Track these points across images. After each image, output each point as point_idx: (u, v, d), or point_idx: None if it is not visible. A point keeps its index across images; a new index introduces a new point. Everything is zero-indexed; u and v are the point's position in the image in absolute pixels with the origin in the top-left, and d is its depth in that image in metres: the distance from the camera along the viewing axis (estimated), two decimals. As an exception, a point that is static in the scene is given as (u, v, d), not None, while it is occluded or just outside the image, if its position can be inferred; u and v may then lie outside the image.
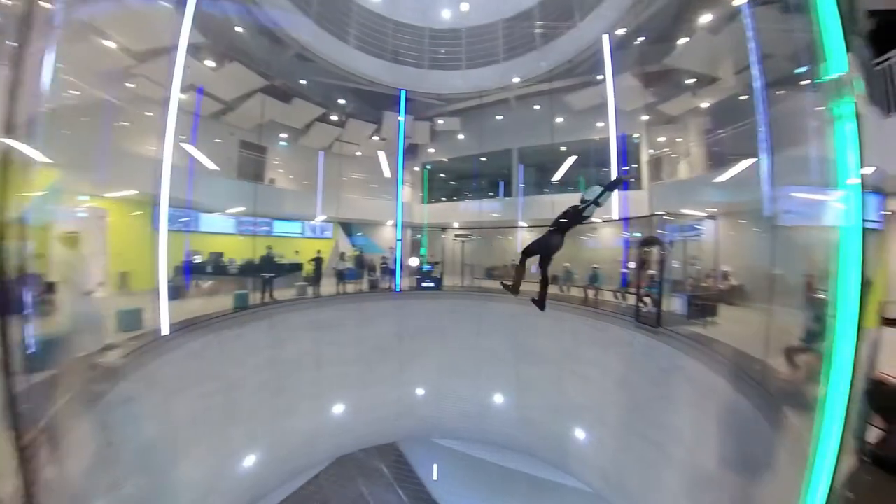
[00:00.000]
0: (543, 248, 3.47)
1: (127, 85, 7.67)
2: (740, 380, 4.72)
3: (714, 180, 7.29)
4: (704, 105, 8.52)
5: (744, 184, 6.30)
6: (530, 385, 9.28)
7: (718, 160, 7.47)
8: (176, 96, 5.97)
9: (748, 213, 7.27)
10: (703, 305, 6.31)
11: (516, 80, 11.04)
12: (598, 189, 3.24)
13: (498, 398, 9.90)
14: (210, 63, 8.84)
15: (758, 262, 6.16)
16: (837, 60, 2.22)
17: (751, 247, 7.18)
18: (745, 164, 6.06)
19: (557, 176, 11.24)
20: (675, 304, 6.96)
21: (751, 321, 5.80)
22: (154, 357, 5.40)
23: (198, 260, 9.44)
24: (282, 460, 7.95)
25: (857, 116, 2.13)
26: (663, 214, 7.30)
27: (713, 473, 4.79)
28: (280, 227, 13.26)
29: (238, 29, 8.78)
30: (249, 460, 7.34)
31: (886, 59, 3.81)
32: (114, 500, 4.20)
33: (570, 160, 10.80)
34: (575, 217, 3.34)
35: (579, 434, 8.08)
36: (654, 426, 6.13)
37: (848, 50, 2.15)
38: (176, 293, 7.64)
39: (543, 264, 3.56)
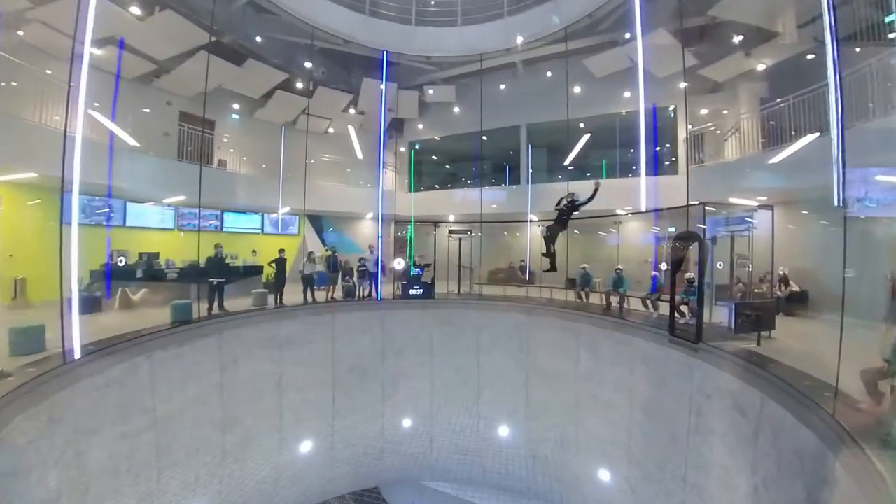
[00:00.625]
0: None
1: (17, 33, 7.19)
2: (805, 410, 4.48)
3: (770, 161, 7.12)
4: (760, 67, 8.36)
5: (809, 165, 6.14)
6: (541, 413, 9.22)
7: (776, 136, 7.32)
8: (87, 50, 5.48)
9: (814, 202, 7.15)
10: (755, 316, 6.05)
11: (522, 39, 10.93)
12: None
13: (502, 430, 9.80)
14: (135, 10, 8.45)
15: (826, 263, 5.99)
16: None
17: (817, 243, 7.05)
18: (811, 139, 5.85)
19: (572, 159, 11.15)
20: (719, 315, 6.80)
21: (818, 336, 5.62)
22: (60, 387, 5.00)
23: (123, 262, 9.12)
24: None
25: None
26: (705, 204, 7.01)
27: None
28: (232, 221, 13.36)
29: None
30: None
31: None
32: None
33: (584, 138, 10.76)
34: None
35: (602, 475, 7.90)
36: (694, 466, 5.92)
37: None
38: (92, 305, 7.31)
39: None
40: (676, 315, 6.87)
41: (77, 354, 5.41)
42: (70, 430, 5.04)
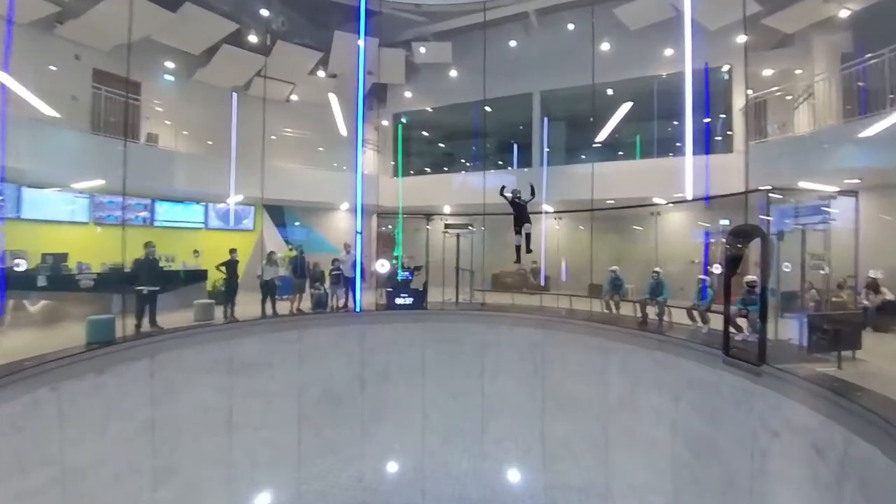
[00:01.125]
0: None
1: None
2: None
3: (858, 135, 7.00)
4: (843, 14, 8.27)
5: None
6: (562, 453, 9.19)
7: (865, 102, 7.20)
8: None
9: None
10: (834, 331, 5.90)
11: None
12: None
13: (512, 475, 9.79)
14: None
15: None
16: None
17: None
18: None
19: (602, 135, 11.01)
20: (787, 329, 6.72)
21: None
22: None
23: (21, 266, 8.93)
24: None
25: None
26: (769, 190, 6.91)
27: None
28: (168, 213, 13.48)
29: None
30: None
31: None
32: None
33: (624, 108, 10.58)
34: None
35: None
36: (762, 523, 5.82)
37: None
38: None
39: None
40: (732, 329, 6.77)
41: None
42: None
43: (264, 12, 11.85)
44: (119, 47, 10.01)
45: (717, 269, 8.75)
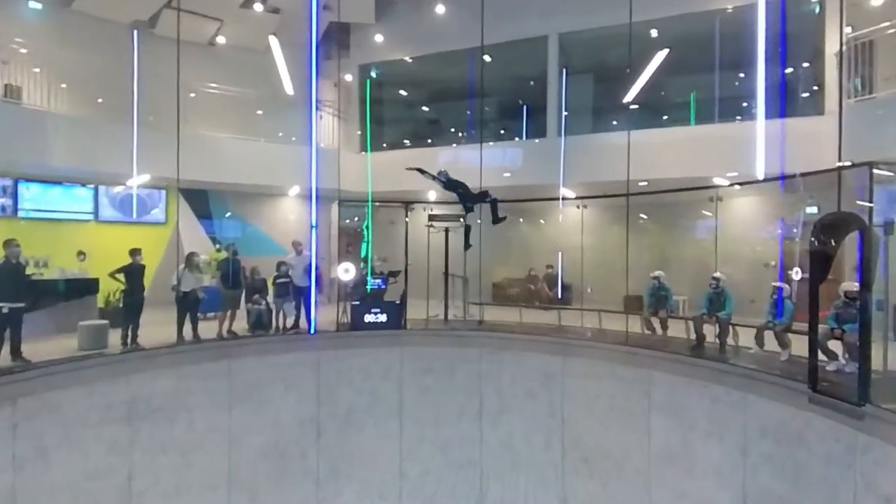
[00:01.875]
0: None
1: None
2: None
3: None
4: None
5: None
6: None
7: None
8: None
9: None
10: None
11: None
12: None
13: None
14: None
15: None
16: None
17: None
18: None
19: (632, 93, 11.03)
20: None
21: None
22: None
23: None
24: None
25: None
26: (872, 164, 6.64)
27: None
28: (39, 198, 13.61)
29: None
30: None
31: None
32: None
33: (660, 56, 10.69)
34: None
35: None
36: None
37: None
38: None
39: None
40: (822, 357, 6.70)
41: None
42: None
43: None
44: None
45: (797, 273, 8.65)
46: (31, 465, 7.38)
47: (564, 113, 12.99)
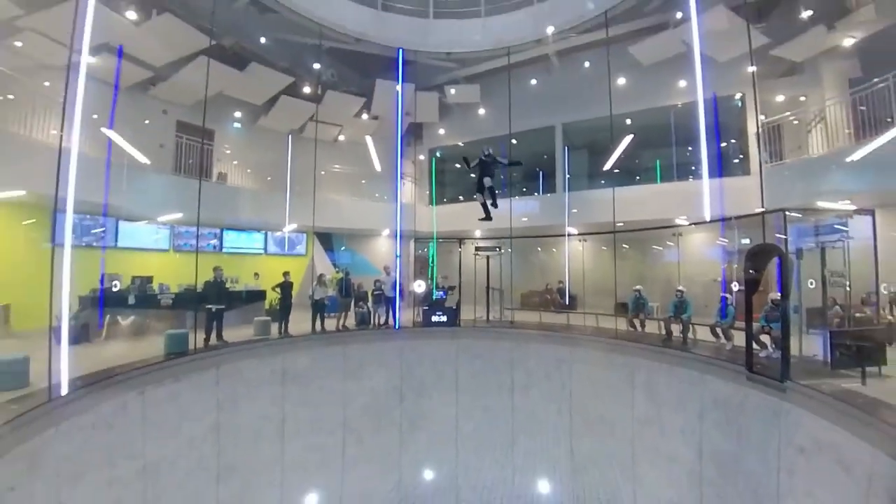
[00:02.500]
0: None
1: (15, 44, 7.91)
2: None
3: (864, 155, 6.85)
4: (847, 42, 8.25)
5: None
6: (589, 467, 9.02)
7: (875, 124, 7.10)
8: (84, 59, 6.00)
9: None
10: (858, 347, 5.72)
11: (554, 28, 11.17)
12: None
13: (542, 486, 9.63)
14: (131, 14, 9.26)
15: None
16: None
17: None
18: None
19: (609, 163, 11.07)
20: (811, 345, 6.48)
21: None
22: (44, 428, 5.20)
23: (116, 287, 9.68)
24: None
25: None
26: (786, 210, 6.73)
27: None
28: (233, 240, 14.18)
29: None
30: None
31: None
32: None
33: (627, 139, 10.75)
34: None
35: None
36: (789, 541, 5.50)
37: None
38: (81, 335, 7.67)
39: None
40: (756, 346, 6.61)
41: (64, 390, 5.61)
42: (52, 476, 5.21)
43: (316, 66, 12.61)
44: (198, 102, 10.84)
45: (735, 286, 8.46)
46: (228, 408, 7.98)
47: (567, 176, 12.98)
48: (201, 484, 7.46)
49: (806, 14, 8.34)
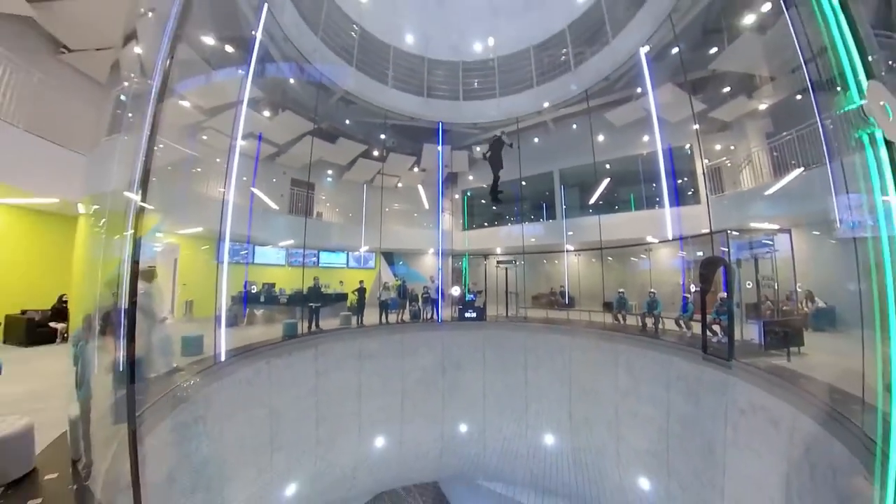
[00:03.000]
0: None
1: (202, 137, 9.46)
2: (836, 424, 4.17)
3: (779, 188, 6.89)
4: (762, 107, 8.26)
5: (815, 192, 5.90)
6: (583, 425, 8.91)
7: (785, 166, 7.09)
8: (237, 143, 7.13)
9: (822, 225, 6.59)
10: (783, 333, 5.77)
11: (549, 104, 11.47)
12: None
13: (547, 439, 9.54)
14: (266, 113, 10.47)
15: (845, 282, 5.56)
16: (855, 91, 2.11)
17: (834, 263, 6.44)
18: (796, 174, 5.73)
19: (593, 198, 11.26)
20: (749, 332, 6.50)
21: (847, 351, 5.16)
22: (211, 381, 5.99)
23: (254, 290, 10.66)
24: (320, 493, 8.10)
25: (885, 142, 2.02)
26: (728, 231, 6.84)
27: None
28: (326, 258, 14.55)
29: (291, 81, 10.43)
30: (290, 489, 7.61)
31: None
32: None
33: (604, 182, 11.00)
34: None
35: (642, 484, 7.41)
36: (731, 478, 5.53)
37: (869, 77, 2.06)
38: (231, 321, 8.41)
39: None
40: (708, 334, 6.62)
41: (223, 358, 6.51)
42: (217, 413, 5.95)
43: (382, 137, 13.29)
44: (304, 165, 11.82)
45: (693, 288, 8.32)
46: (322, 377, 8.34)
47: (564, 206, 13.00)
48: (305, 426, 7.96)
49: (730, 87, 8.40)
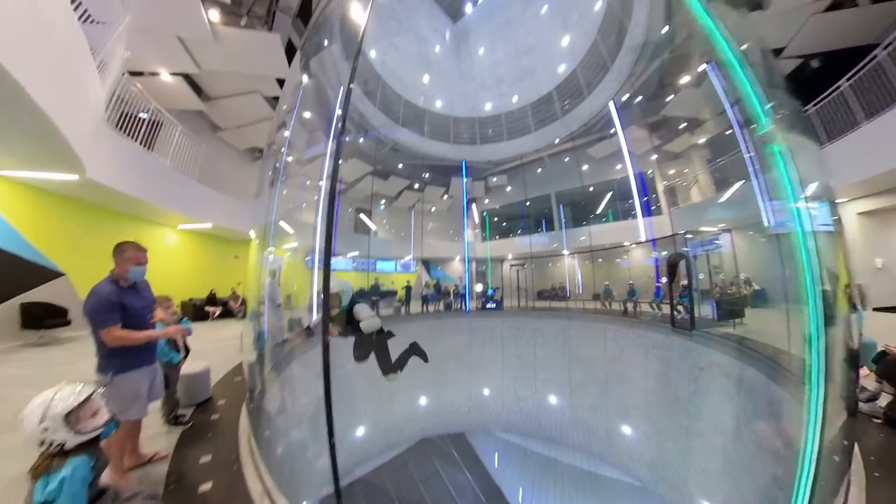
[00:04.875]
0: None
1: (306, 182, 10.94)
2: (770, 369, 4.51)
3: (721, 200, 7.18)
4: (701, 141, 8.48)
5: (744, 201, 6.17)
6: (580, 388, 9.01)
7: (721, 183, 7.32)
8: (325, 185, 8.01)
9: (753, 226, 6.75)
10: (730, 309, 6.07)
11: (545, 144, 12.01)
12: None
13: (552, 399, 9.64)
14: (341, 161, 11.91)
15: (772, 268, 5.74)
16: (762, 120, 2.54)
17: (763, 255, 6.56)
18: (740, 185, 6.02)
19: (600, 209, 11.49)
20: (705, 310, 6.73)
21: (773, 319, 5.38)
22: (308, 349, 6.49)
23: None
24: (381, 435, 8.59)
25: (790, 154, 2.35)
26: (686, 233, 7.23)
27: (751, 452, 4.48)
28: (381, 265, 14.82)
29: (358, 139, 11.78)
30: (360, 431, 8.24)
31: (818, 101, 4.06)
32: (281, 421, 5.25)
33: (606, 196, 11.31)
34: None
35: (626, 430, 7.55)
36: (694, 419, 5.76)
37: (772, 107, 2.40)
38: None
39: None
40: (675, 312, 6.90)
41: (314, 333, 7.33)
42: (312, 373, 6.19)
43: (423, 174, 14.01)
44: (365, 197, 13.18)
45: (664, 280, 8.45)
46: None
47: (563, 219, 13.16)
48: (372, 386, 8.13)
49: (679, 127, 8.64)
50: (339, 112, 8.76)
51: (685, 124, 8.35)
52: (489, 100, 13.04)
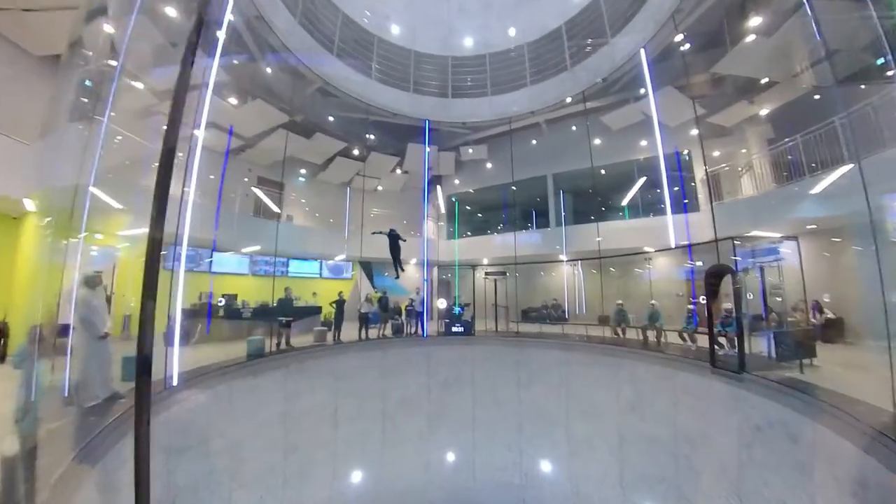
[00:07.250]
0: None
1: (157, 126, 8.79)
2: (862, 435, 4.15)
3: (791, 193, 7.10)
4: (763, 112, 8.56)
5: (832, 195, 6.09)
6: (584, 449, 8.75)
7: (793, 171, 7.32)
8: (201, 135, 6.67)
9: (844, 230, 6.92)
10: (795, 344, 5.87)
11: (545, 104, 11.62)
12: None
13: (544, 466, 9.32)
14: (233, 100, 9.94)
15: (863, 289, 5.77)
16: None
17: (852, 270, 6.73)
18: (838, 172, 5.89)
19: (615, 200, 11.27)
20: (756, 345, 6.56)
21: (863, 362, 5.32)
22: (160, 410, 5.41)
23: (220, 303, 10.08)
24: None
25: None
26: (734, 238, 6.89)
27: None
28: (296, 267, 14.17)
29: (262, 66, 9.95)
30: None
31: None
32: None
33: (625, 183, 11.04)
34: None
35: None
36: (749, 502, 5.43)
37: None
38: (182, 339, 7.97)
39: None
40: (717, 346, 6.64)
41: (175, 382, 5.92)
42: (164, 449, 5.34)
43: (365, 134, 13.17)
44: (275, 162, 11.56)
45: (701, 300, 8.49)
46: (292, 400, 7.89)
47: (563, 213, 13.01)
48: (274, 459, 7.45)
49: (732, 92, 8.65)
50: (227, 13, 7.16)
51: (746, 87, 8.21)
52: (470, 31, 12.24)
